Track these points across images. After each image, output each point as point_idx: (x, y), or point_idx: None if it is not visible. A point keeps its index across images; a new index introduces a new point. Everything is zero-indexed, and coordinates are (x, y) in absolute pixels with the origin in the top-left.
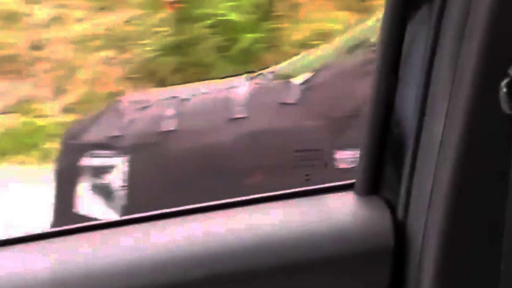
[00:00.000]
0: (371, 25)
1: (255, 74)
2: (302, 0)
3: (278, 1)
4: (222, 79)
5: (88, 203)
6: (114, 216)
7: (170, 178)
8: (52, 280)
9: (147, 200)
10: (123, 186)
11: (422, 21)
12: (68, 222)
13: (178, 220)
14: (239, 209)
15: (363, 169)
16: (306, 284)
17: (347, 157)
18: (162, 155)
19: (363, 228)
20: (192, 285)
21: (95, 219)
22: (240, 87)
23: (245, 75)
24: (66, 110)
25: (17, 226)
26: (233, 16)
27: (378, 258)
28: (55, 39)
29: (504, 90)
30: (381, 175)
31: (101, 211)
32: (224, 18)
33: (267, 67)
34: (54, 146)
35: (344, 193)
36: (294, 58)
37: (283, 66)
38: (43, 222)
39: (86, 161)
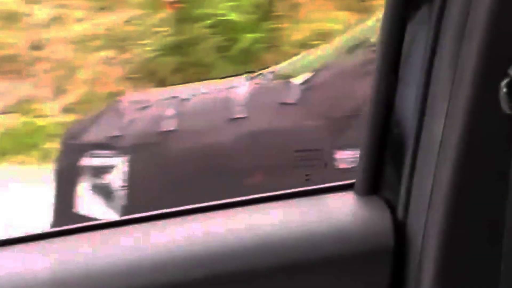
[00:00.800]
0: (371, 25)
1: (255, 74)
2: (302, 0)
3: (278, 1)
4: (222, 79)
5: (88, 203)
6: (114, 216)
7: (170, 178)
8: (52, 280)
9: (147, 200)
10: (123, 186)
11: (422, 21)
12: (68, 222)
13: (178, 220)
14: (239, 209)
15: (363, 169)
16: (306, 284)
17: (347, 157)
18: (162, 155)
19: (363, 228)
20: (192, 285)
21: (95, 219)
22: (240, 87)
23: (245, 75)
24: (66, 110)
25: (17, 226)
26: (233, 16)
27: (378, 258)
28: (55, 39)
29: (504, 90)
30: (381, 175)
31: (101, 211)
32: (224, 18)
33: (267, 67)
34: (54, 146)
35: (344, 193)
36: (294, 58)
37: (283, 66)
38: (43, 222)
39: (86, 161)
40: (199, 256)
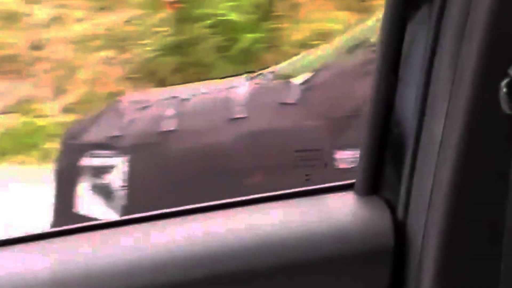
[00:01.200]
0: (371, 25)
1: (255, 74)
2: (302, 0)
3: (278, 1)
4: (222, 79)
5: (88, 203)
6: (114, 216)
7: (170, 178)
8: (52, 280)
9: (147, 200)
10: (123, 186)
11: (422, 21)
12: (68, 222)
13: (178, 220)
14: (239, 209)
15: (363, 169)
16: (306, 284)
17: (347, 157)
18: (162, 155)
19: (363, 228)
20: (192, 285)
21: (95, 219)
22: (240, 87)
23: (245, 75)
24: (66, 110)
25: (17, 226)
26: (233, 16)
27: (378, 258)
28: (55, 39)
29: (504, 90)
30: (381, 175)
31: (101, 211)
32: (224, 18)
33: (267, 67)
34: (54, 146)
35: (344, 193)
36: (294, 58)
37: (283, 66)
38: (43, 222)
39: (86, 161)
40: (199, 256)
